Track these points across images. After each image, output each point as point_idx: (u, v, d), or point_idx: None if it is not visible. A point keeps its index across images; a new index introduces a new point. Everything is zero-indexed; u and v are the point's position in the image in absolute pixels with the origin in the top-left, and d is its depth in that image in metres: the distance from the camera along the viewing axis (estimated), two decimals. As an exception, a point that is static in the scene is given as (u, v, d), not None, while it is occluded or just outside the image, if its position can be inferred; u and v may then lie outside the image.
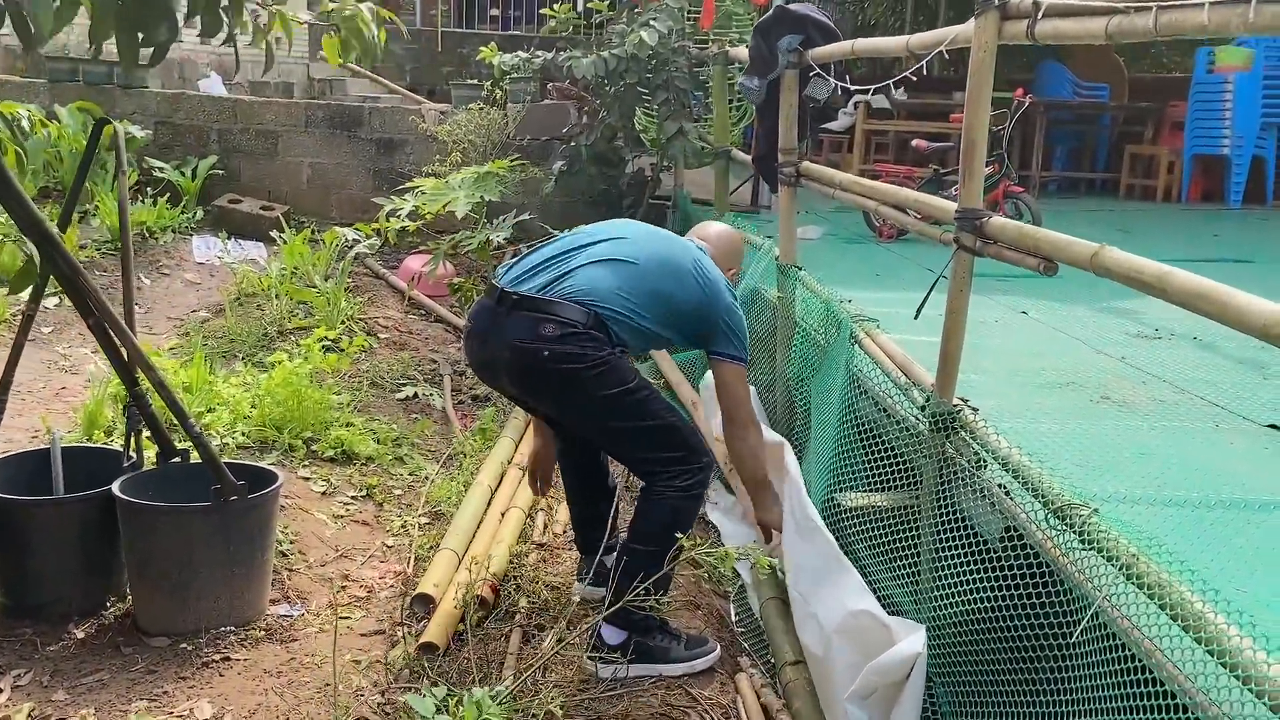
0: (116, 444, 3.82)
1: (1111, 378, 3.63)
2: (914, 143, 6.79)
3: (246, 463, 3.23)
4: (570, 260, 2.85)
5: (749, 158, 6.22)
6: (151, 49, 1.91)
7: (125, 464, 2.99)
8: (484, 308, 2.86)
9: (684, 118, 6.18)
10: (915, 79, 3.70)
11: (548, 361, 2.70)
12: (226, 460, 2.92)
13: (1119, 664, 1.82)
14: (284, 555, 3.27)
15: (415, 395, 4.95)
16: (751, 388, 4.05)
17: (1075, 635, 1.88)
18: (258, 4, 2.10)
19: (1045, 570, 2.13)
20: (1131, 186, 9.87)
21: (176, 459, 3.01)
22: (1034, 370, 3.66)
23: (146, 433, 3.03)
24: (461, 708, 2.02)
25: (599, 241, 2.93)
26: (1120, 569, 1.83)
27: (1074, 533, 2.01)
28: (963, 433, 2.57)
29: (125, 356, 2.80)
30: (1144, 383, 3.58)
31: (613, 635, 2.79)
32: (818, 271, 4.06)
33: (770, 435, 3.55)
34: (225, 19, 2.13)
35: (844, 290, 3.96)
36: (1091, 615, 1.87)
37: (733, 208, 6.93)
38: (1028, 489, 2.24)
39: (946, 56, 2.73)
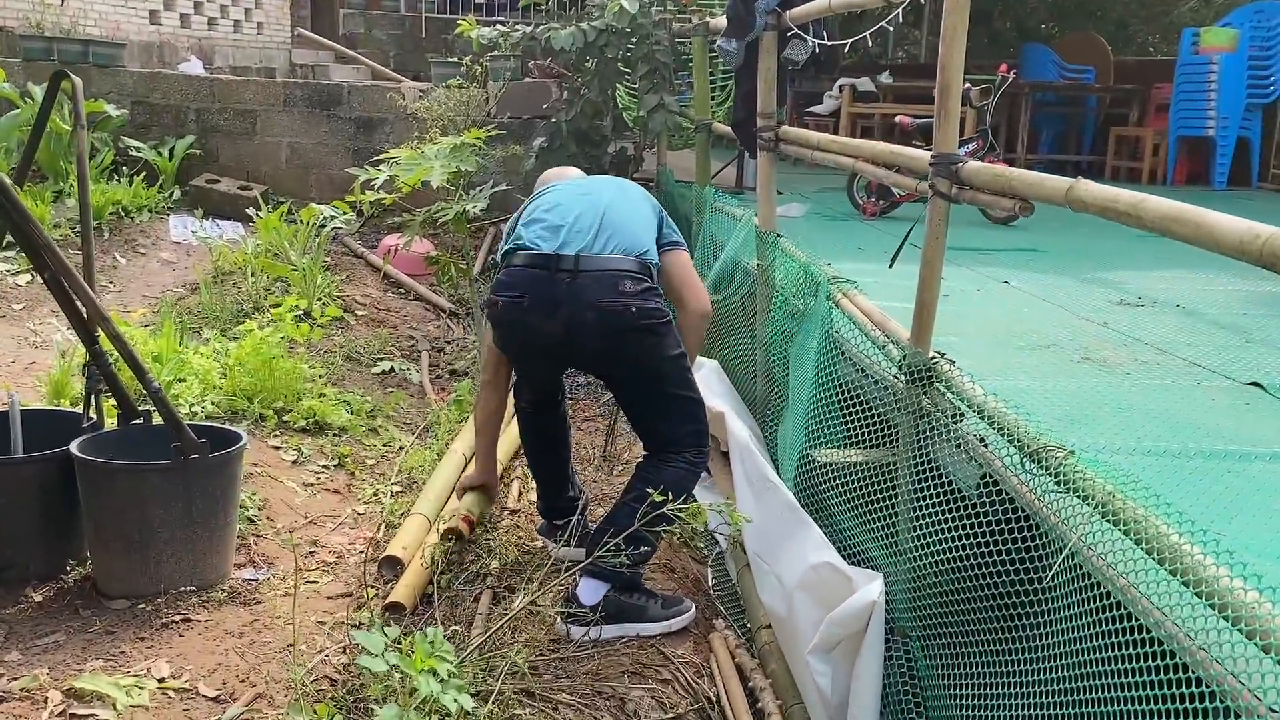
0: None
1: (1093, 340, 3.59)
2: (897, 118, 6.74)
3: (210, 425, 3.16)
4: (597, 215, 2.93)
5: (724, 128, 6.18)
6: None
7: (84, 425, 2.92)
8: (535, 278, 2.83)
9: (665, 90, 6.11)
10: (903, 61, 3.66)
11: (637, 318, 2.79)
12: (191, 424, 2.84)
13: (1095, 604, 1.77)
14: (251, 521, 3.20)
15: (392, 370, 4.88)
16: (714, 364, 4.00)
17: (1050, 576, 1.83)
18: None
19: (1021, 516, 2.08)
20: (1117, 169, 9.84)
21: (138, 420, 2.93)
22: (1015, 334, 3.61)
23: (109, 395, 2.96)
24: (414, 648, 1.96)
25: (598, 197, 3.03)
26: (1096, 508, 1.78)
27: (1050, 476, 1.96)
28: (939, 385, 2.52)
29: (83, 313, 2.72)
30: (1126, 345, 3.53)
31: (591, 593, 2.75)
32: (800, 247, 4.01)
33: (713, 405, 3.48)
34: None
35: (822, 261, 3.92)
36: (1067, 556, 1.82)
37: (716, 187, 6.87)
38: (1004, 436, 2.19)
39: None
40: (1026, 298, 4.33)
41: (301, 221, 6.42)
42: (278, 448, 3.77)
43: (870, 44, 6.43)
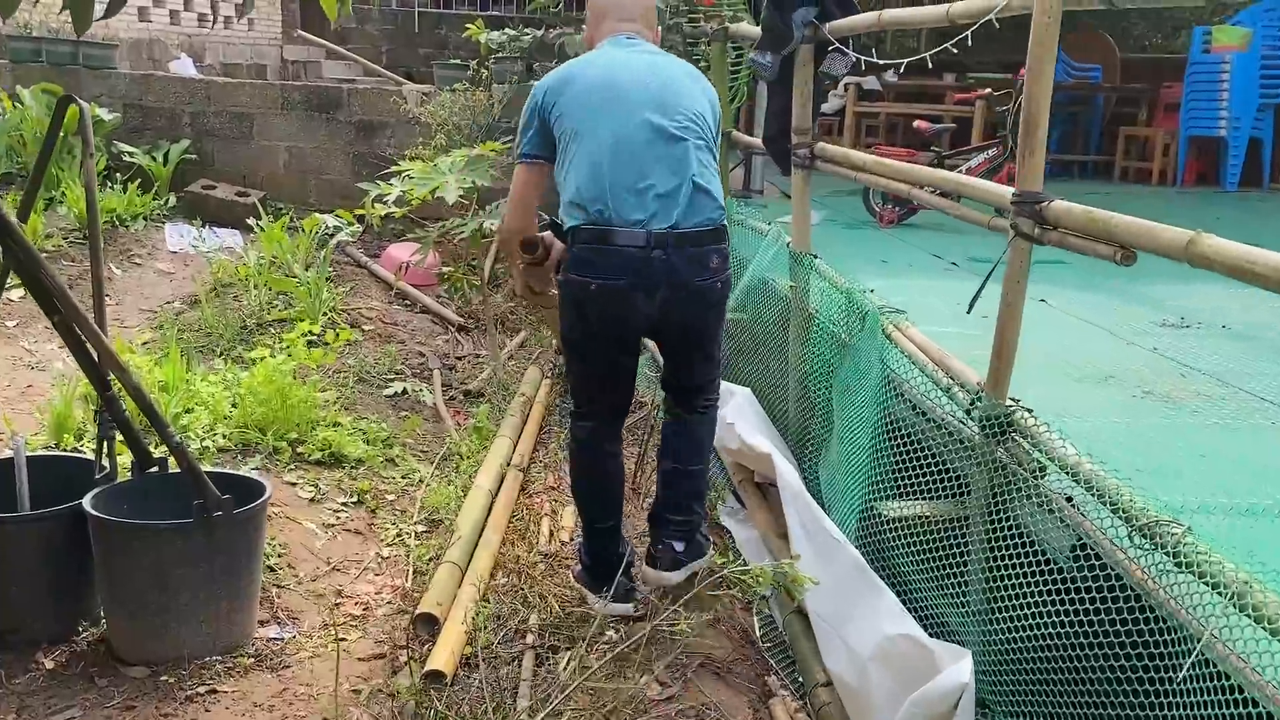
0: (88, 449, 3.57)
1: (1149, 371, 3.44)
2: (916, 124, 6.57)
3: (230, 471, 2.98)
4: (676, 177, 2.76)
5: (747, 139, 6.01)
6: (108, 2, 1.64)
7: (98, 475, 2.73)
8: (631, 259, 2.72)
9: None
10: (931, 63, 3.49)
11: (721, 293, 2.89)
12: (207, 469, 2.66)
13: (1231, 709, 1.61)
14: (272, 570, 3.02)
15: (404, 391, 4.70)
16: (747, 392, 3.85)
17: (1183, 673, 1.68)
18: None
19: (1127, 593, 1.92)
20: (1126, 169, 9.71)
21: (154, 469, 2.75)
22: (1067, 364, 3.46)
23: (121, 439, 2.77)
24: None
25: (671, 132, 2.79)
26: (1230, 599, 1.63)
27: (1165, 554, 1.81)
28: (1018, 436, 2.36)
29: (95, 357, 2.54)
30: (1184, 375, 3.39)
31: (682, 553, 2.94)
32: (819, 260, 3.86)
33: (758, 444, 3.32)
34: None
35: (849, 276, 3.76)
36: (1198, 654, 1.66)
37: (734, 197, 6.69)
38: (1097, 498, 2.04)
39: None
40: (1066, 319, 4.18)
41: (304, 231, 6.23)
42: (294, 484, 3.59)
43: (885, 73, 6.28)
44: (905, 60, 3.10)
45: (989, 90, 6.54)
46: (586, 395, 3.04)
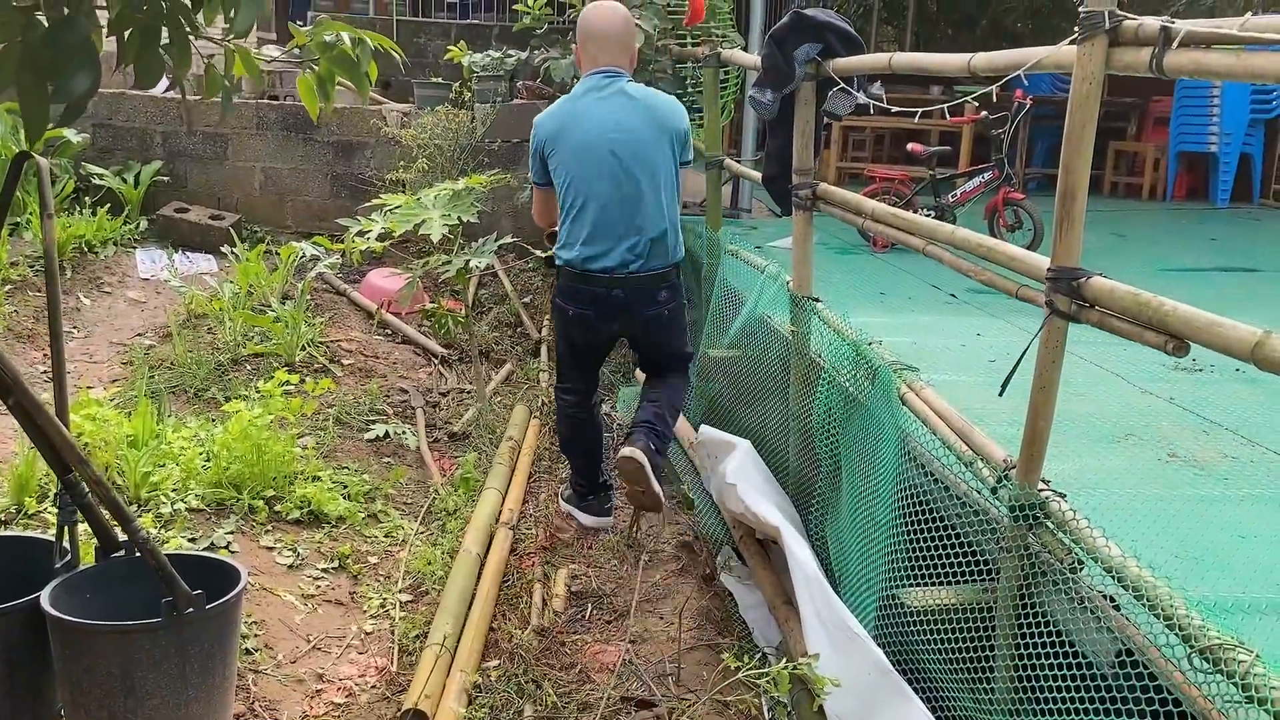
0: (51, 512, 3.36)
1: (1169, 425, 3.30)
2: (910, 147, 6.42)
3: (202, 554, 2.78)
4: (636, 225, 3.63)
5: (738, 166, 5.84)
6: (65, 104, 1.45)
7: (58, 562, 2.53)
8: (596, 296, 3.67)
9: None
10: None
11: (669, 316, 3.79)
12: (177, 552, 2.47)
13: None
14: (248, 653, 2.83)
15: (386, 435, 4.50)
16: (746, 444, 3.69)
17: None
18: (210, 39, 1.66)
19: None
20: (1116, 184, 9.63)
21: (118, 553, 2.54)
22: (1083, 418, 3.31)
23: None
24: None
25: (626, 185, 3.63)
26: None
27: (1231, 683, 1.65)
28: (1051, 525, 2.20)
29: (53, 444, 2.34)
30: (1206, 432, 3.25)
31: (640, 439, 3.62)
32: (814, 291, 3.70)
33: (764, 513, 3.16)
34: (166, 60, 1.67)
35: (849, 314, 3.61)
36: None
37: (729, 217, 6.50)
38: (1147, 607, 1.88)
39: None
40: (1076, 360, 4.03)
41: (281, 260, 6.01)
42: (271, 548, 3.39)
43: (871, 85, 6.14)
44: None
45: (984, 114, 6.40)
46: (568, 376, 3.96)
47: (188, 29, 1.59)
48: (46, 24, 1.41)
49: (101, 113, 7.16)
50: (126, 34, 1.55)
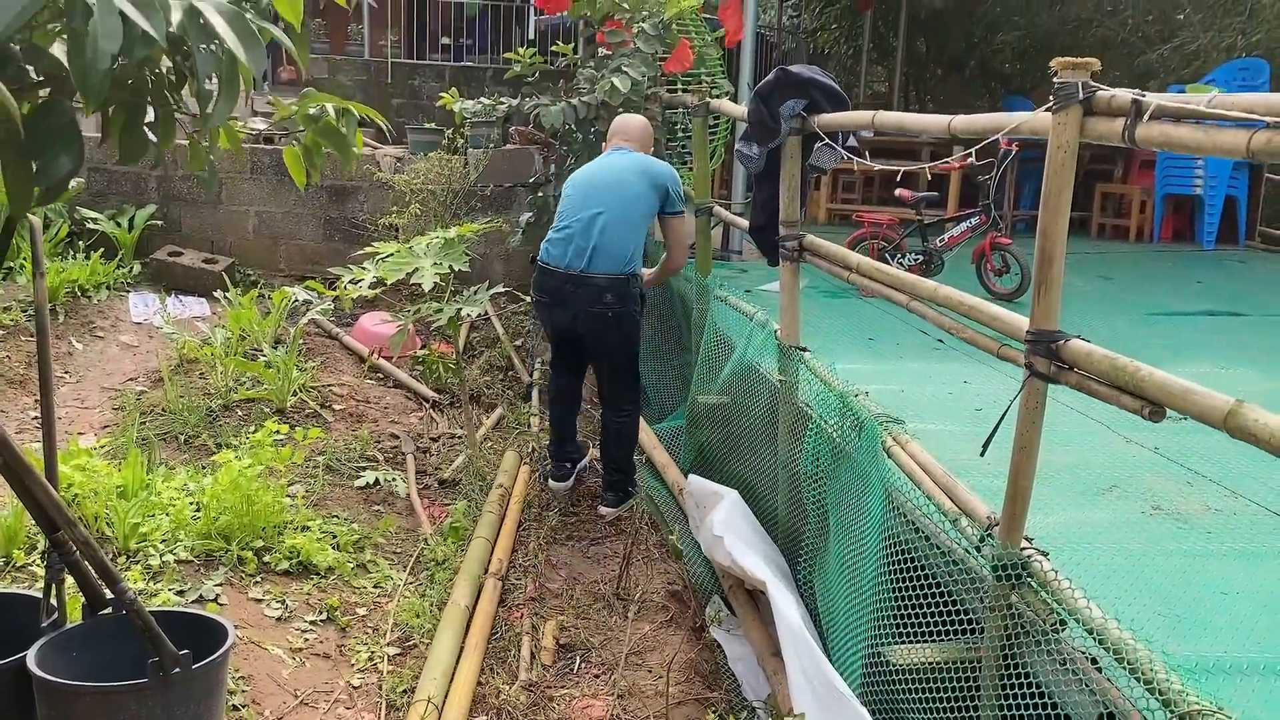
0: (38, 564, 3.36)
1: (1153, 476, 3.32)
2: (898, 192, 6.49)
3: (189, 611, 2.78)
4: (592, 236, 4.30)
5: (726, 214, 5.89)
6: (47, 185, 1.47)
7: (45, 621, 2.53)
8: (551, 286, 4.37)
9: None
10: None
11: (611, 319, 4.33)
12: (164, 609, 2.47)
13: None
14: (235, 709, 2.82)
15: (376, 482, 4.50)
16: (734, 495, 3.72)
17: None
18: (194, 116, 1.69)
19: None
20: (1103, 225, 9.72)
21: (105, 610, 2.55)
22: (1067, 469, 3.33)
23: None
24: None
25: (597, 213, 4.34)
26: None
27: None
28: (1034, 584, 2.22)
29: (42, 505, 2.35)
30: (1190, 483, 3.27)
31: (613, 512, 4.47)
32: (801, 335, 3.73)
33: (751, 567, 3.17)
34: (151, 138, 1.70)
35: (837, 360, 3.64)
36: None
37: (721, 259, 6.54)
38: (1128, 670, 1.90)
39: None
40: (1058, 407, 4.05)
41: (273, 304, 6.04)
42: (260, 600, 3.39)
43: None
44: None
45: (970, 159, 6.47)
46: (553, 358, 4.73)
47: (173, 105, 1.62)
48: (30, 106, 1.44)
49: (96, 157, 7.22)
50: (109, 110, 1.58)
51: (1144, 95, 1.85)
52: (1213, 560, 2.68)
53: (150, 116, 1.65)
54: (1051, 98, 2.06)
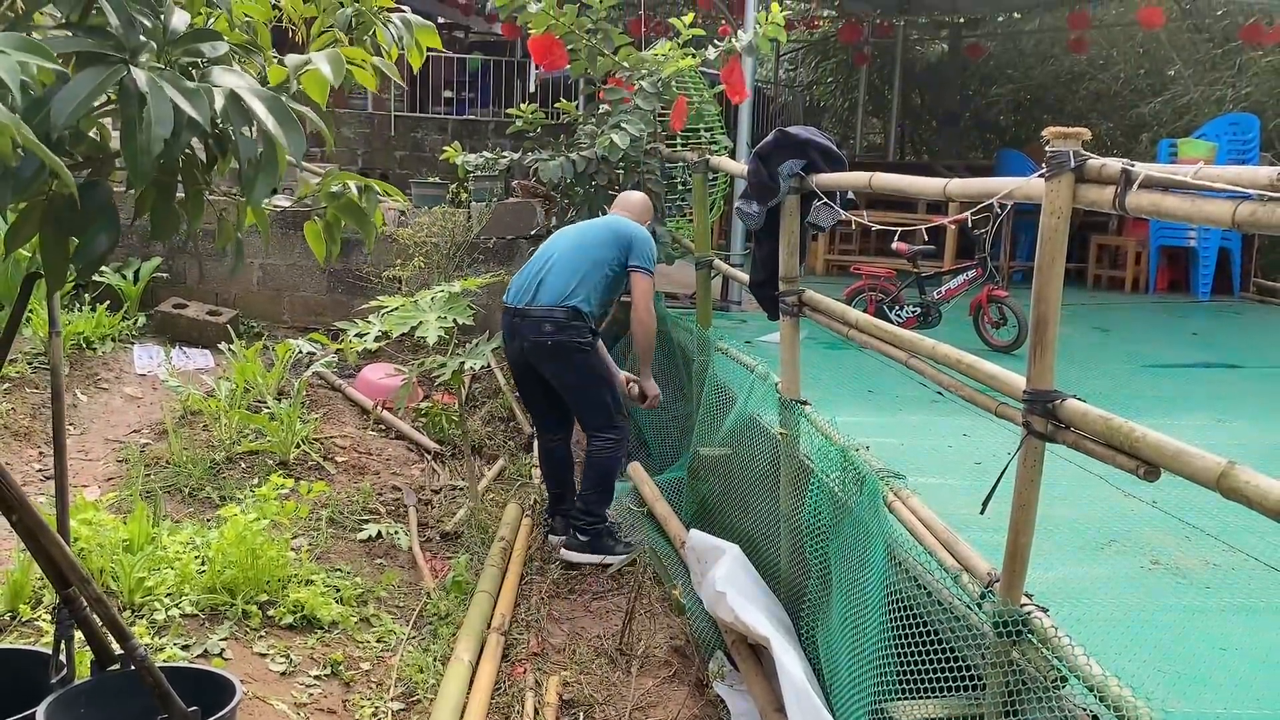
0: (45, 619, 3.38)
1: (1152, 531, 3.36)
2: (894, 245, 6.56)
3: (197, 667, 2.80)
4: (541, 276, 4.57)
5: (726, 267, 5.97)
6: (86, 262, 1.53)
7: (54, 677, 2.55)
8: (504, 321, 4.64)
9: (656, 222, 5.91)
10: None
11: (551, 348, 4.48)
12: (173, 666, 2.49)
13: None
14: (239, 766, 2.83)
15: (379, 535, 4.53)
16: (736, 549, 3.75)
17: None
18: (223, 193, 1.75)
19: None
20: (1099, 276, 9.82)
21: (114, 666, 2.57)
22: (1067, 523, 3.36)
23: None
24: None
25: (552, 256, 4.66)
26: None
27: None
28: (1034, 640, 2.25)
29: (55, 561, 2.38)
30: (1189, 538, 3.30)
31: (575, 555, 4.54)
32: (802, 387, 3.77)
33: (754, 624, 3.19)
34: (182, 215, 1.76)
35: (837, 412, 3.67)
36: None
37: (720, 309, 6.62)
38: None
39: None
40: (1054, 460, 4.09)
41: (277, 357, 6.09)
42: (264, 654, 3.40)
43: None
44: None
45: (966, 214, 6.57)
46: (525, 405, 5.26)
47: (202, 184, 1.68)
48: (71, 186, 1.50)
49: (104, 211, 7.29)
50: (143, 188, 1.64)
51: (1133, 165, 1.91)
52: (1212, 616, 2.71)
53: (180, 194, 1.71)
54: (1044, 166, 2.12)
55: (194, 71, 1.43)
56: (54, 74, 1.29)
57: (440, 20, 16.45)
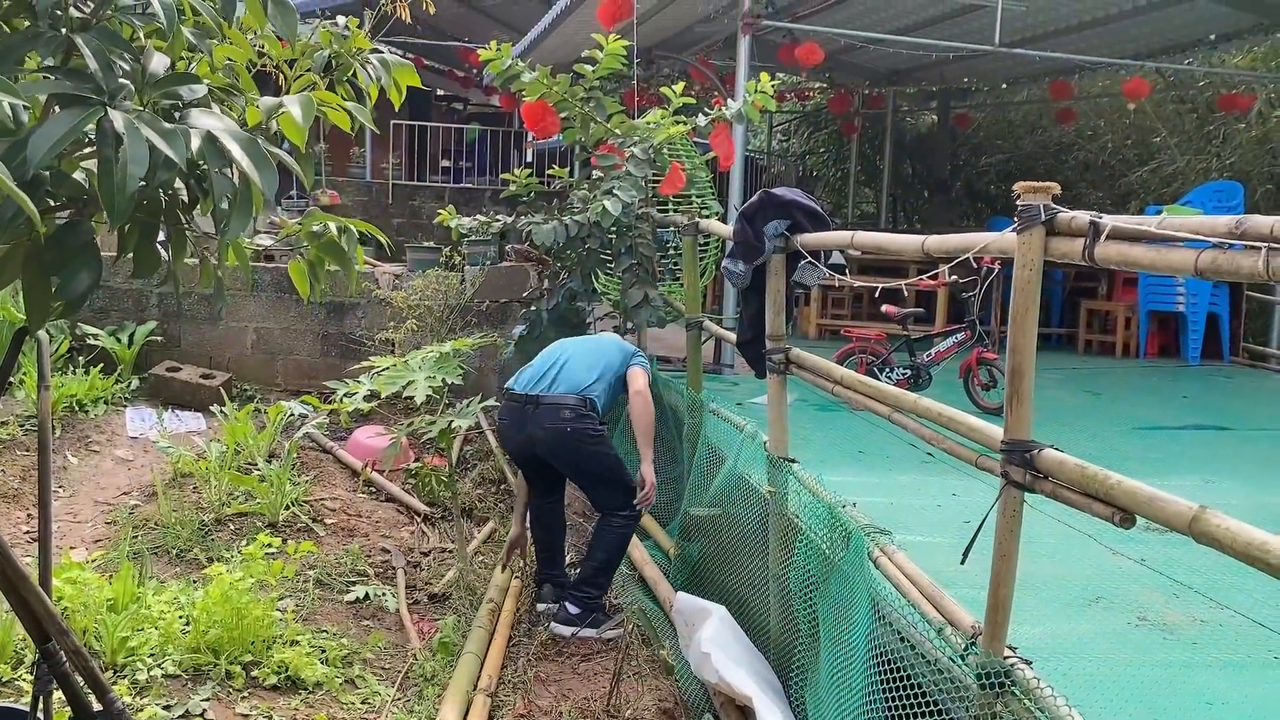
0: (25, 678, 3.35)
1: (1139, 588, 3.35)
2: (884, 309, 6.64)
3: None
4: (559, 368, 4.58)
5: (717, 328, 6.03)
6: (68, 300, 1.56)
7: (30, 735, 2.52)
8: (511, 409, 4.54)
9: (648, 285, 5.97)
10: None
11: (570, 435, 4.42)
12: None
13: None
14: (217, 828, 2.78)
15: (366, 596, 4.50)
16: (723, 611, 3.74)
17: None
18: (205, 233, 1.80)
19: None
20: (1090, 342, 9.87)
21: (92, 723, 2.54)
22: (1054, 580, 3.36)
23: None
24: None
25: (567, 352, 4.70)
26: None
27: None
28: (1018, 693, 2.23)
29: (35, 613, 2.37)
30: (1176, 594, 3.30)
31: (566, 630, 4.37)
32: (792, 447, 3.78)
33: (739, 684, 3.16)
34: (164, 255, 1.80)
35: (827, 472, 3.68)
36: None
37: (712, 372, 6.67)
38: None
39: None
40: (1041, 518, 4.09)
41: (269, 419, 6.10)
42: (246, 715, 3.36)
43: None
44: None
45: (954, 278, 6.65)
46: (522, 471, 4.80)
47: (184, 224, 1.72)
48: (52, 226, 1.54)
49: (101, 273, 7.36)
50: (125, 227, 1.68)
51: (1101, 217, 1.95)
52: (1198, 670, 2.69)
53: (162, 235, 1.74)
54: (1015, 219, 2.17)
55: (175, 114, 1.47)
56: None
57: (440, 92, 16.80)
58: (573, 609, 4.41)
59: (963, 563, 2.28)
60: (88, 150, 1.53)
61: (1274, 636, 2.93)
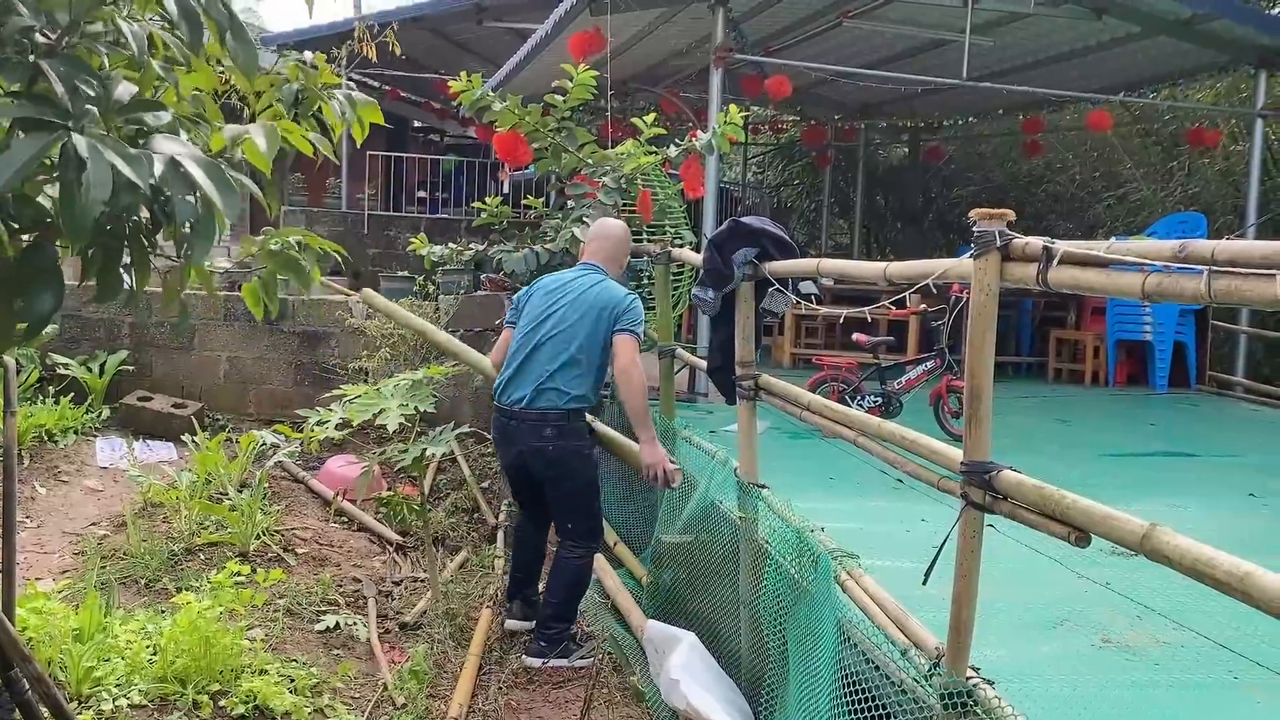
0: (-13, 710, 3.31)
1: (1105, 611, 3.38)
2: (855, 337, 6.70)
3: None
4: (533, 368, 4.32)
5: (690, 356, 6.07)
6: (30, 322, 1.58)
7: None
8: (499, 423, 4.41)
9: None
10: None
11: (552, 453, 4.29)
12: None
13: None
14: None
15: (337, 626, 4.47)
16: (692, 638, 3.75)
17: None
18: (168, 258, 1.81)
19: None
20: (1059, 370, 9.98)
21: (55, 752, 2.52)
22: (1020, 604, 3.39)
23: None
24: None
25: (544, 341, 4.36)
26: None
27: None
28: (980, 712, 2.26)
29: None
30: (1140, 617, 3.33)
31: (537, 662, 4.30)
32: (765, 474, 3.81)
33: (708, 712, 3.16)
34: (127, 279, 1.81)
35: (798, 498, 3.71)
36: None
37: (686, 399, 6.71)
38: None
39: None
40: (1009, 543, 4.13)
41: (240, 448, 6.08)
42: (213, 746, 3.34)
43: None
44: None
45: (924, 307, 6.74)
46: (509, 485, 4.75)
47: (147, 249, 1.74)
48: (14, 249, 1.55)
49: (71, 304, 7.35)
50: (89, 252, 1.69)
51: (1054, 242, 2.01)
52: (1160, 690, 2.73)
53: (126, 259, 1.76)
54: (972, 244, 2.22)
55: (139, 140, 1.50)
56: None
57: (416, 124, 16.87)
58: (543, 643, 4.37)
59: (924, 584, 2.31)
60: (52, 175, 1.55)
61: (1234, 658, 2.97)
